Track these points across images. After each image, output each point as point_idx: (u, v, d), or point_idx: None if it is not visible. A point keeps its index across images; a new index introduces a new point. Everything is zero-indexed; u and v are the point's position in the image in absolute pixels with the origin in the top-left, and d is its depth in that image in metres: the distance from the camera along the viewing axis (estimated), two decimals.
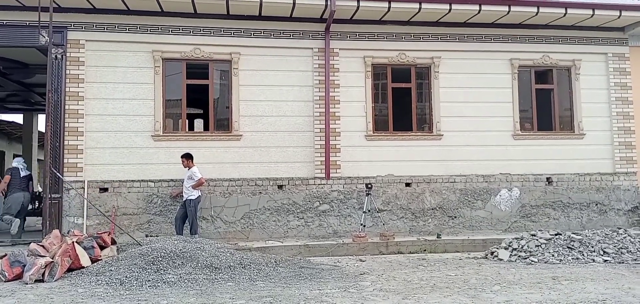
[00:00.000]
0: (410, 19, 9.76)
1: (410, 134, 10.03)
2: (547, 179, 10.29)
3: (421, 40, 10.03)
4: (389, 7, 9.18)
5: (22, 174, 9.18)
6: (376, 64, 9.99)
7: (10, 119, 17.04)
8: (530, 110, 10.51)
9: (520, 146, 10.23)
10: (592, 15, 9.78)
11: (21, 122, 16.58)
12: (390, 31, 9.92)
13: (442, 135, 10.00)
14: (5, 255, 6.26)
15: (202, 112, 12.86)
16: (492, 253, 7.71)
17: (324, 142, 9.53)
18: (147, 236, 8.68)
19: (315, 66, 9.66)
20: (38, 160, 17.81)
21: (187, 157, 8.71)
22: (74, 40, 8.97)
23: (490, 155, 10.10)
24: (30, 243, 6.68)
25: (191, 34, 9.30)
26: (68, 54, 8.93)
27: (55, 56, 8.81)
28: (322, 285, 5.73)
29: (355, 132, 9.74)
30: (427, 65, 10.16)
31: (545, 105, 10.65)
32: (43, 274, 5.93)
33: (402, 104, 10.23)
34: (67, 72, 8.91)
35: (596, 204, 10.38)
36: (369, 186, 9.30)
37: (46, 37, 8.49)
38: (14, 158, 11.94)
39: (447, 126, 10.02)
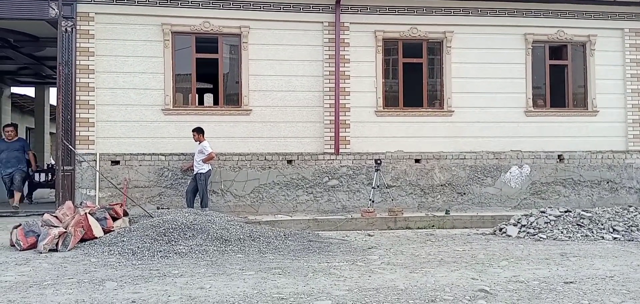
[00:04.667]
0: None
1: (421, 110, 9.95)
2: (559, 156, 10.19)
3: (433, 14, 9.86)
4: None
5: None
6: (387, 39, 9.86)
7: (23, 93, 17.16)
8: (544, 86, 10.35)
9: (533, 123, 10.12)
10: None
11: (33, 95, 16.70)
12: (402, 5, 9.76)
13: (453, 111, 9.91)
14: (20, 225, 6.38)
15: (211, 86, 12.85)
16: (500, 229, 7.69)
17: (333, 118, 9.50)
18: (158, 208, 8.79)
19: (326, 40, 9.57)
20: (50, 133, 17.99)
21: (198, 131, 8.75)
22: (84, 12, 8.95)
23: (501, 132, 10.01)
24: (43, 214, 6.80)
25: (201, 6, 9.24)
26: (78, 27, 8.93)
27: (65, 29, 8.82)
28: (331, 258, 5.78)
29: (365, 107, 9.69)
30: (439, 40, 10.02)
31: (559, 81, 10.48)
32: (57, 244, 6.04)
33: (413, 79, 10.11)
34: (77, 45, 8.92)
35: (607, 182, 10.29)
36: (379, 161, 9.29)
37: (56, 10, 8.49)
38: None
39: (459, 102, 9.92)
